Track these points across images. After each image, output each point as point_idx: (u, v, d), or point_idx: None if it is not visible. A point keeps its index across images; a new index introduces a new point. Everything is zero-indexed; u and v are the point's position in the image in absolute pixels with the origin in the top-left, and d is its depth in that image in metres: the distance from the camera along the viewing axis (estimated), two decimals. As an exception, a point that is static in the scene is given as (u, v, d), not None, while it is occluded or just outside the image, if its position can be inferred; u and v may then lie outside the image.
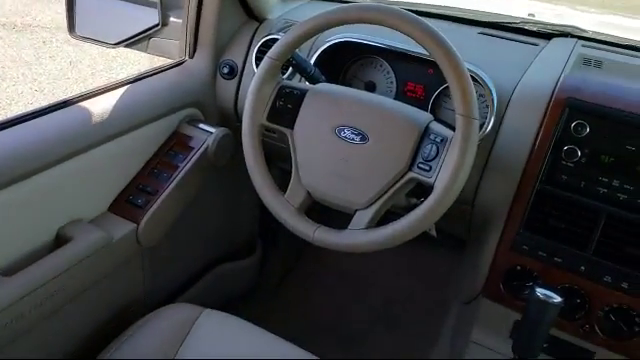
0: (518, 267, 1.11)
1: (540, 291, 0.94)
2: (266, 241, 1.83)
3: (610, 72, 1.14)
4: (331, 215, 1.07)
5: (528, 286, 1.08)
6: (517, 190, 1.09)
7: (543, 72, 1.14)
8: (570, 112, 1.04)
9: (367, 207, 0.99)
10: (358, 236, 0.98)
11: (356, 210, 1.00)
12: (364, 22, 0.96)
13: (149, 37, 1.40)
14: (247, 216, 1.73)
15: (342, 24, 0.99)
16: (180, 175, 1.23)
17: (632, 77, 1.13)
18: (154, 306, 1.15)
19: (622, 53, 1.26)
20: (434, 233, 1.19)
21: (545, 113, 1.06)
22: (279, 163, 1.46)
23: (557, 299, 0.93)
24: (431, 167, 0.95)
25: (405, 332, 1.76)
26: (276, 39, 1.06)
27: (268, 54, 1.04)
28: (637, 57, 1.23)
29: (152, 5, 1.36)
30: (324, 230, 1.01)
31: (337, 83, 1.20)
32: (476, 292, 1.20)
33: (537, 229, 1.08)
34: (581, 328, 1.08)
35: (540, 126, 1.06)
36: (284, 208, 1.04)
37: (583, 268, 1.05)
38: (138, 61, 4.52)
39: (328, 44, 1.26)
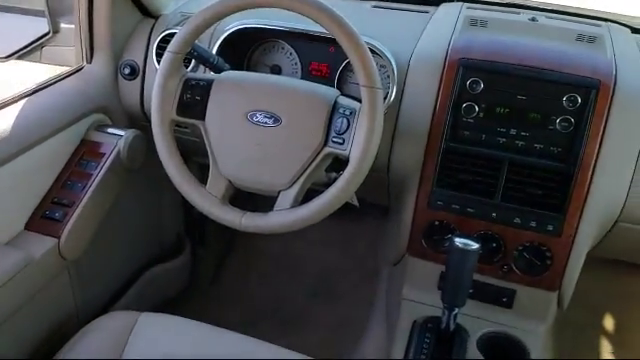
0: (436, 222, 1.18)
1: (458, 241, 1.01)
2: (194, 238, 1.82)
3: (495, 30, 1.23)
4: (258, 201, 1.09)
5: (447, 238, 1.16)
6: (426, 151, 1.15)
7: (435, 37, 1.20)
8: (464, 71, 1.10)
9: (289, 187, 1.01)
10: (285, 216, 1.01)
11: (279, 191, 1.02)
12: (260, 7, 0.98)
13: (41, 46, 1.35)
14: (171, 216, 1.71)
15: (238, 10, 1.00)
16: (95, 183, 1.21)
17: (515, 32, 1.21)
18: (89, 319, 1.13)
19: (504, 11, 1.35)
20: (356, 203, 1.24)
21: (442, 75, 1.12)
22: (197, 158, 1.45)
23: (475, 246, 1.00)
24: (344, 140, 0.98)
25: (342, 303, 1.81)
26: (174, 33, 1.05)
27: (168, 48, 1.03)
28: (517, 13, 1.33)
29: (40, 14, 1.31)
30: (251, 216, 1.03)
31: (242, 70, 1.21)
32: (402, 252, 1.27)
33: (448, 185, 1.15)
34: (500, 269, 1.17)
35: (439, 88, 1.12)
36: (207, 200, 1.05)
37: (494, 214, 1.14)
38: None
39: (228, 32, 1.26)
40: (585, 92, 1.05)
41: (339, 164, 1.07)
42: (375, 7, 1.40)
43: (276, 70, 1.33)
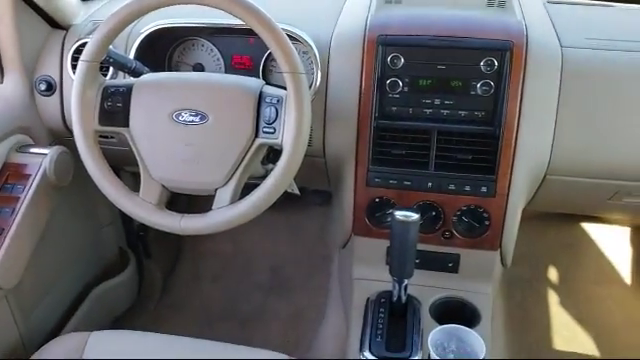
0: (376, 199, 1.20)
1: (399, 214, 1.03)
2: (138, 250, 1.78)
3: (410, 5, 1.25)
4: (200, 202, 1.07)
5: (389, 214, 1.18)
6: (358, 131, 1.17)
7: (352, 18, 1.21)
8: (383, 48, 1.12)
9: (226, 183, 1.00)
10: (224, 213, 1.00)
11: (216, 189, 1.01)
12: (168, 5, 0.96)
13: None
14: (110, 230, 1.66)
15: (148, 11, 0.98)
16: (24, 206, 1.16)
17: (428, 5, 1.24)
18: (37, 346, 1.09)
19: None
20: (297, 191, 1.24)
21: (363, 55, 1.13)
22: (129, 168, 1.42)
23: (414, 216, 1.02)
24: (275, 129, 0.98)
25: (298, 293, 1.82)
26: (87, 42, 1.02)
27: (82, 57, 1.00)
28: None
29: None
30: (189, 218, 1.02)
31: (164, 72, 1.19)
32: (348, 233, 1.28)
33: (384, 161, 1.17)
34: (442, 236, 1.20)
35: (362, 67, 1.14)
36: (142, 208, 1.03)
37: (430, 184, 1.17)
38: None
39: (143, 35, 1.23)
40: (500, 55, 1.09)
41: (275, 155, 1.07)
42: None
43: (198, 68, 1.31)
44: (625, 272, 1.87)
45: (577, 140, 1.12)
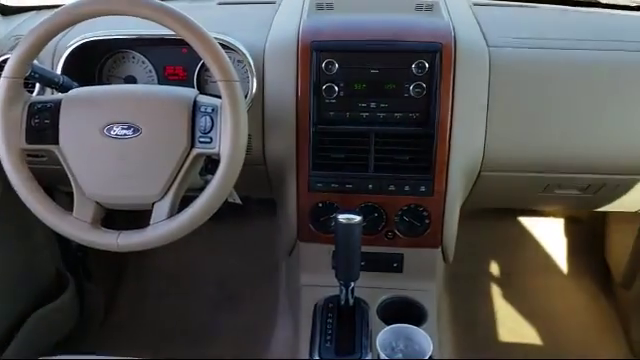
0: (320, 204, 1.20)
1: (341, 217, 1.03)
2: (77, 271, 1.71)
3: (341, 11, 1.26)
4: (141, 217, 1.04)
5: (332, 218, 1.18)
6: (297, 137, 1.17)
7: (285, 25, 1.22)
8: (317, 54, 1.13)
9: (163, 197, 0.98)
10: (163, 227, 0.98)
11: (153, 203, 0.99)
12: (94, 16, 0.94)
13: None
14: (45, 252, 1.59)
15: (71, 24, 0.96)
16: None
17: (359, 10, 1.26)
18: None
19: None
20: (238, 201, 1.23)
21: (297, 61, 1.14)
22: (62, 187, 1.36)
23: (357, 218, 1.03)
24: (212, 138, 0.97)
25: (247, 305, 1.80)
26: (9, 58, 0.97)
27: (3, 74, 0.96)
28: None
29: None
30: (127, 234, 0.99)
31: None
32: (293, 240, 1.28)
33: (324, 166, 1.18)
34: (385, 237, 1.22)
35: (297, 74, 1.14)
36: (77, 227, 0.99)
37: (370, 186, 1.18)
38: None
39: (70, 49, 1.20)
40: (430, 57, 1.11)
41: (214, 165, 1.05)
42: (220, 4, 1.39)
43: (130, 81, 1.28)
44: (562, 262, 1.94)
45: (508, 136, 1.16)
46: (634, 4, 1.41)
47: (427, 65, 1.11)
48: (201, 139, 0.97)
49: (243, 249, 1.93)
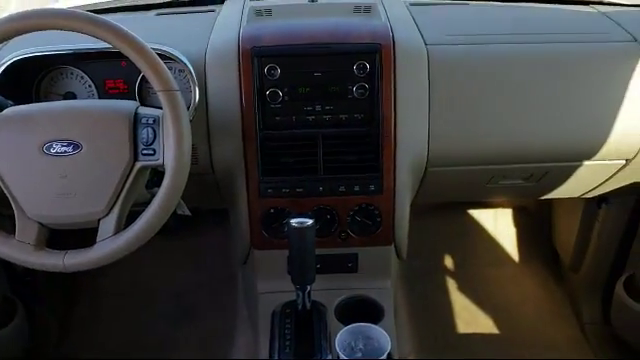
0: (271, 210, 1.20)
1: (294, 221, 1.03)
2: (25, 297, 1.65)
3: (280, 16, 1.27)
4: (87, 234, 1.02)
5: (285, 223, 1.18)
6: (244, 144, 1.16)
7: (225, 32, 1.21)
8: (259, 60, 1.13)
9: (108, 213, 0.96)
10: (110, 244, 0.95)
11: (99, 220, 0.97)
12: (25, 32, 0.91)
13: None
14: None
15: (1, 41, 0.92)
16: None
17: (298, 15, 1.27)
18: None
19: None
20: (188, 212, 1.21)
21: (239, 68, 1.13)
22: (3, 210, 1.31)
23: (309, 221, 1.03)
24: (155, 150, 0.95)
25: (205, 318, 1.77)
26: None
27: None
28: None
29: None
30: (74, 254, 0.96)
31: None
32: (247, 248, 1.27)
33: (274, 171, 1.18)
34: (339, 238, 1.23)
35: (239, 80, 1.14)
36: (20, 250, 0.96)
37: (321, 188, 1.19)
38: None
39: (2, 67, 1.15)
40: (370, 57, 1.13)
41: (160, 177, 1.03)
42: (159, 14, 1.37)
43: (70, 97, 1.24)
44: (512, 250, 2.00)
45: (450, 132, 1.18)
46: (562, -2, 1.47)
47: (368, 66, 1.13)
48: (144, 151, 0.95)
49: (198, 261, 1.91)
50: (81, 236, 1.02)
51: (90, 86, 1.24)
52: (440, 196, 1.56)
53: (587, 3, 1.44)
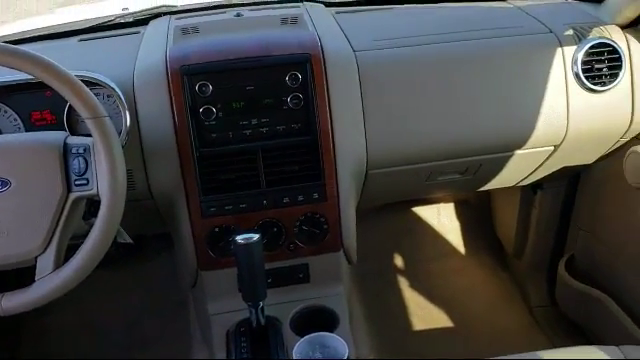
0: (216, 229, 1.18)
1: (240, 238, 1.02)
2: None
3: (208, 33, 1.26)
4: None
5: (231, 241, 1.16)
6: (181, 165, 1.14)
7: (151, 54, 1.19)
8: (189, 78, 1.11)
9: (46, 249, 0.92)
10: (50, 281, 0.92)
11: (36, 257, 0.92)
12: None
13: None
14: None
15: None
16: None
17: (226, 30, 1.26)
18: None
19: (211, 14, 1.39)
20: (129, 240, 1.17)
21: (169, 88, 1.12)
22: None
23: (255, 237, 1.02)
24: (88, 180, 0.93)
25: (159, 346, 1.72)
26: None
27: None
28: (224, 12, 1.38)
29: None
30: (11, 295, 0.92)
31: None
32: (194, 271, 1.24)
33: (215, 189, 1.16)
34: (288, 250, 1.22)
35: (171, 101, 1.12)
36: None
37: (265, 202, 1.18)
38: None
39: None
40: (301, 67, 1.13)
41: (97, 207, 1.00)
42: (82, 40, 1.34)
43: None
44: (458, 244, 2.05)
45: (386, 134, 1.21)
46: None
47: (300, 76, 1.13)
48: (77, 182, 0.92)
49: (146, 288, 1.85)
50: (18, 275, 0.98)
51: (15, 120, 1.18)
52: (383, 197, 1.58)
53: None
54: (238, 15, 1.33)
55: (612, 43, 1.24)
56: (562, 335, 1.69)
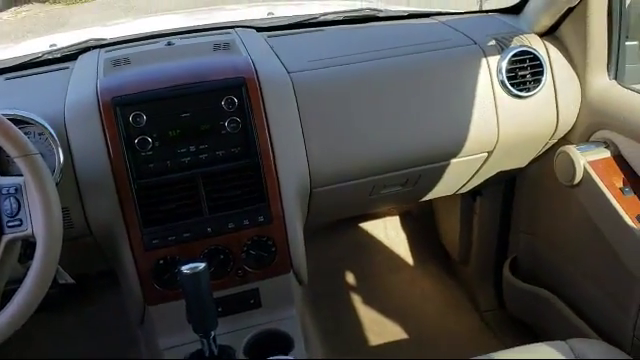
0: (161, 261, 1.15)
1: (185, 268, 1.00)
2: None
3: (139, 63, 1.24)
4: None
5: (177, 272, 1.14)
6: (119, 198, 1.11)
7: (82, 87, 1.16)
8: (122, 109, 1.09)
9: None
10: None
11: None
12: None
13: None
14: None
15: None
16: None
17: (158, 60, 1.25)
18: None
19: (142, 44, 1.38)
20: (71, 280, 1.13)
21: (102, 120, 1.09)
22: None
23: (201, 265, 1.01)
24: (22, 220, 0.89)
25: None
26: None
27: None
28: (155, 43, 1.37)
29: None
30: None
31: None
32: (142, 306, 1.21)
33: (156, 221, 1.13)
34: (236, 276, 1.20)
35: (104, 134, 1.09)
36: None
37: (209, 229, 1.16)
38: None
39: None
40: (237, 91, 1.13)
41: (33, 249, 0.96)
42: (8, 79, 1.30)
43: None
44: (406, 256, 2.08)
45: (326, 151, 1.22)
46: (406, 14, 1.58)
47: (236, 100, 1.13)
48: (10, 223, 0.89)
49: (94, 329, 1.78)
50: None
51: None
52: (330, 215, 1.59)
53: (428, 15, 1.56)
54: (169, 44, 1.32)
55: (532, 51, 1.31)
56: (512, 336, 1.73)
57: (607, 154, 1.27)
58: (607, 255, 1.26)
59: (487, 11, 1.58)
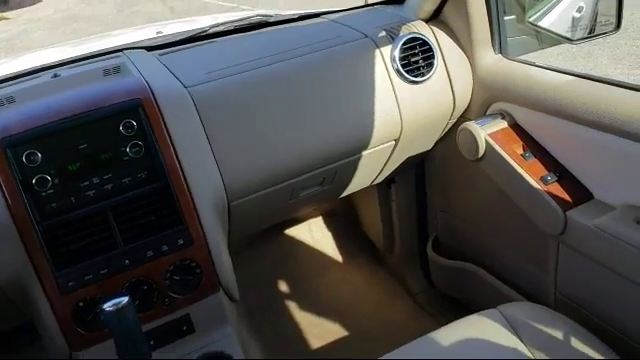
0: (80, 303, 1.09)
1: (108, 305, 0.94)
2: None
3: (24, 100, 1.17)
4: None
5: (100, 311, 1.08)
6: (24, 244, 1.04)
7: None
8: (12, 150, 1.02)
9: None
10: None
11: None
12: None
13: None
14: None
15: None
16: None
17: (44, 94, 1.16)
18: None
19: (25, 80, 1.30)
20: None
21: None
22: None
23: (124, 300, 0.95)
24: None
25: None
26: None
27: None
28: (39, 77, 1.29)
29: None
30: None
31: None
32: (66, 354, 1.13)
33: (68, 262, 1.07)
34: (163, 305, 1.15)
35: None
36: None
37: (127, 261, 1.10)
38: None
39: None
40: (134, 114, 1.09)
41: None
42: None
43: None
44: (335, 254, 2.10)
45: (237, 162, 1.20)
46: (296, 16, 1.59)
47: (135, 123, 1.09)
48: None
49: None
50: None
51: None
52: (252, 226, 1.56)
53: (318, 15, 1.58)
54: (55, 76, 1.25)
55: (421, 36, 1.36)
56: (447, 313, 1.78)
57: (504, 124, 1.33)
58: (519, 220, 1.33)
59: (373, 4, 1.62)
